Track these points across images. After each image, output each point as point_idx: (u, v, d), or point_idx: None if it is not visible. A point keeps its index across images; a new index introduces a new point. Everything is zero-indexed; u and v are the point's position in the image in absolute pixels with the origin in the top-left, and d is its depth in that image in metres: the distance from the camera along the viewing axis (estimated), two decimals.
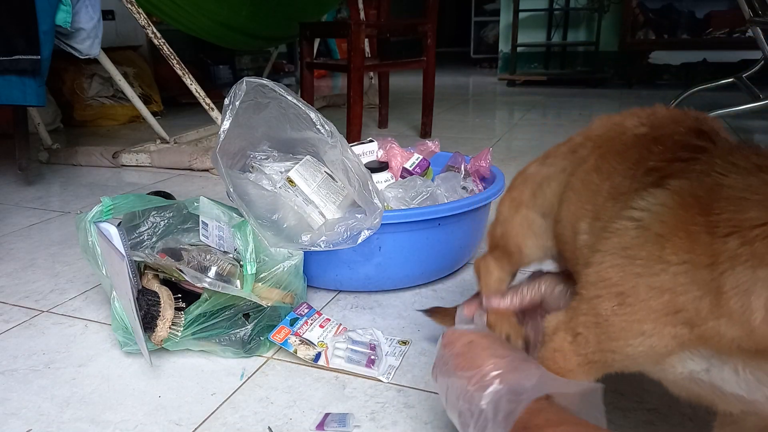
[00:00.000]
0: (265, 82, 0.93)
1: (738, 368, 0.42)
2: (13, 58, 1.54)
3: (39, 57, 1.56)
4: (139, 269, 0.88)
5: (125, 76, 2.57)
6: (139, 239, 0.97)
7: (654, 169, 0.50)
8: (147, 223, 0.99)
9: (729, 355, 0.42)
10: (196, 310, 0.81)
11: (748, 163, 0.44)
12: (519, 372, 0.51)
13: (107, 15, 3.03)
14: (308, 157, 1.03)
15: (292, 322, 0.87)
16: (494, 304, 0.69)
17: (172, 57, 1.88)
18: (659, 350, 0.45)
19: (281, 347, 0.84)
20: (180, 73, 1.90)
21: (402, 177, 1.20)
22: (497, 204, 0.73)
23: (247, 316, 0.86)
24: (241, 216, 0.90)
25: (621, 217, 0.49)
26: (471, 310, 0.71)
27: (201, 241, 0.99)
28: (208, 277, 0.84)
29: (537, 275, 0.70)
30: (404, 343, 0.87)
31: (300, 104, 0.94)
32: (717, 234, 0.41)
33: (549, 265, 0.72)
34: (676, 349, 0.44)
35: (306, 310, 0.90)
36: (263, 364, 0.83)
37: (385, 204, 1.05)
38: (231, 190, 0.90)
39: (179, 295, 0.84)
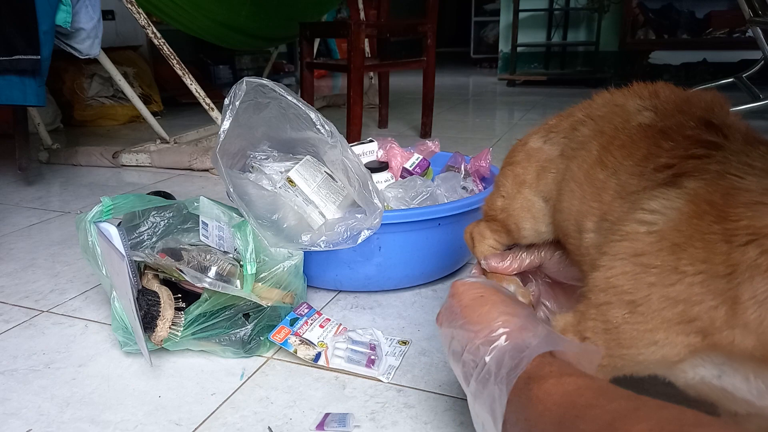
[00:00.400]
0: (265, 82, 0.93)
1: (749, 377, 0.42)
2: (13, 58, 1.54)
3: (39, 57, 1.56)
4: (139, 269, 0.88)
5: (125, 76, 2.58)
6: (139, 239, 0.97)
7: (666, 167, 0.49)
8: (147, 223, 0.99)
9: (741, 363, 0.42)
10: (196, 310, 0.81)
11: (765, 163, 0.43)
12: (527, 331, 0.50)
13: (107, 15, 3.03)
14: (308, 157, 1.03)
15: (292, 322, 0.87)
16: (493, 264, 0.69)
17: (172, 57, 1.88)
18: (671, 358, 0.44)
19: (281, 347, 0.84)
20: (180, 73, 1.90)
21: (402, 177, 1.20)
22: (498, 175, 0.73)
23: (247, 316, 0.86)
24: (241, 216, 0.90)
25: (631, 219, 0.47)
26: (478, 272, 0.73)
27: (201, 241, 0.99)
28: (208, 277, 0.84)
29: None
30: (404, 343, 0.87)
31: (300, 104, 0.94)
32: (735, 243, 0.40)
33: None
34: (688, 356, 0.44)
35: (306, 310, 0.90)
36: (263, 364, 0.83)
37: (385, 204, 1.05)
38: (231, 190, 0.90)
39: (179, 295, 0.84)
